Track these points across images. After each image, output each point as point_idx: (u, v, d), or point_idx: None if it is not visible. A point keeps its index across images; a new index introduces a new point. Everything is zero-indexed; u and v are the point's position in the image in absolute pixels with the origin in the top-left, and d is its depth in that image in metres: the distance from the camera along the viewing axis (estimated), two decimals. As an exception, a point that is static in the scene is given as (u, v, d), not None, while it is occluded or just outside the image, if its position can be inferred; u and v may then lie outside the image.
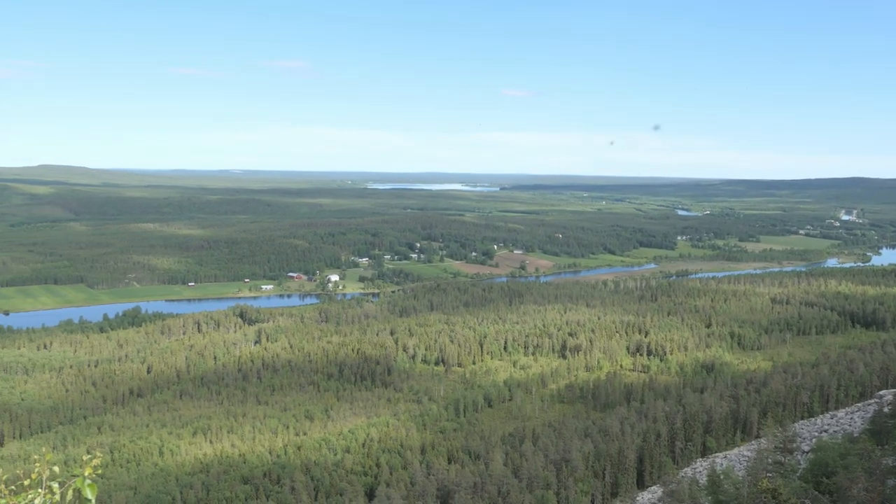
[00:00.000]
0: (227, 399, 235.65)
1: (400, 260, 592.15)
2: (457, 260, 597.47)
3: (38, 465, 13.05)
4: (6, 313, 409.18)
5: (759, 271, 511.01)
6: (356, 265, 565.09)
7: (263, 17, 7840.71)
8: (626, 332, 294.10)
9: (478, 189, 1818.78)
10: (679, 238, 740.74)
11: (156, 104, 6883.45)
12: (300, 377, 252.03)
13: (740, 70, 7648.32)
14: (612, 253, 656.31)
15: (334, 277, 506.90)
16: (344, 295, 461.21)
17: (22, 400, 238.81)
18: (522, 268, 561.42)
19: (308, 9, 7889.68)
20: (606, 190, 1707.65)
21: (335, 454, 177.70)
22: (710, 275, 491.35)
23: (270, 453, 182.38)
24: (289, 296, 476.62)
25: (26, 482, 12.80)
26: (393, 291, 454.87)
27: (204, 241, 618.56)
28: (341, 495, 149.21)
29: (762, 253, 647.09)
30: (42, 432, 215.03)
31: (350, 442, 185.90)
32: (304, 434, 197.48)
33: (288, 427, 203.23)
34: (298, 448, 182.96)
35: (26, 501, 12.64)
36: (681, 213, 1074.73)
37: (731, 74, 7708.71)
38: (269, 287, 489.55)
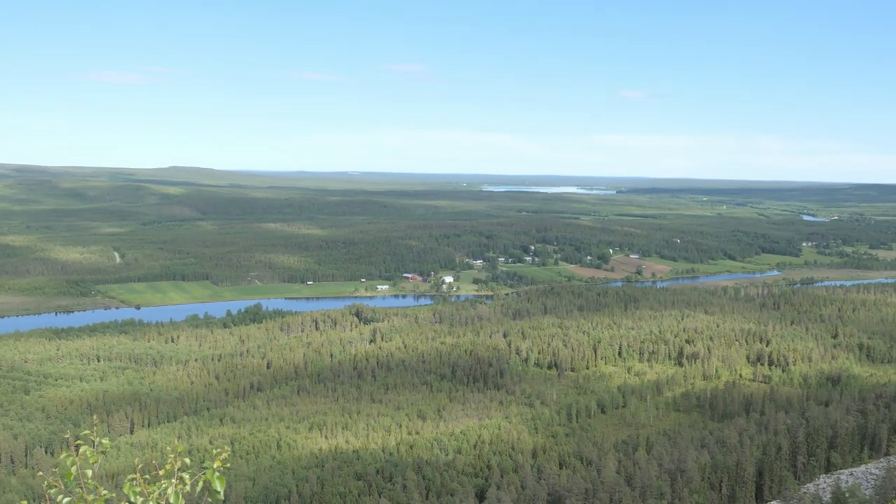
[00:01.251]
0: (342, 396, 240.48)
1: (514, 262, 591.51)
2: (571, 263, 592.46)
3: (171, 456, 13.77)
4: (138, 307, 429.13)
5: (891, 280, 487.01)
6: (470, 267, 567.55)
7: (384, 21, 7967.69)
8: (747, 341, 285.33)
9: (594, 192, 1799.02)
10: (804, 244, 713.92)
11: (279, 108, 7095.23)
12: (413, 377, 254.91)
13: (876, 72, 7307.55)
14: (733, 259, 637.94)
15: (448, 279, 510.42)
16: (458, 296, 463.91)
17: (150, 390, 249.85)
18: (638, 272, 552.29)
19: (427, 12, 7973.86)
20: (727, 194, 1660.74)
21: (447, 454, 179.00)
22: (838, 283, 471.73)
23: (383, 451, 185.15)
24: (403, 296, 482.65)
25: (161, 472, 13.55)
26: (506, 294, 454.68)
27: (323, 241, 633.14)
28: (452, 496, 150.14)
29: (895, 261, 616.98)
30: (168, 422, 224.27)
31: (462, 443, 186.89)
32: (417, 433, 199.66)
33: (401, 426, 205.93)
34: (411, 447, 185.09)
35: (160, 490, 13.39)
36: (806, 218, 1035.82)
37: (866, 76, 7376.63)
38: (385, 287, 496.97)
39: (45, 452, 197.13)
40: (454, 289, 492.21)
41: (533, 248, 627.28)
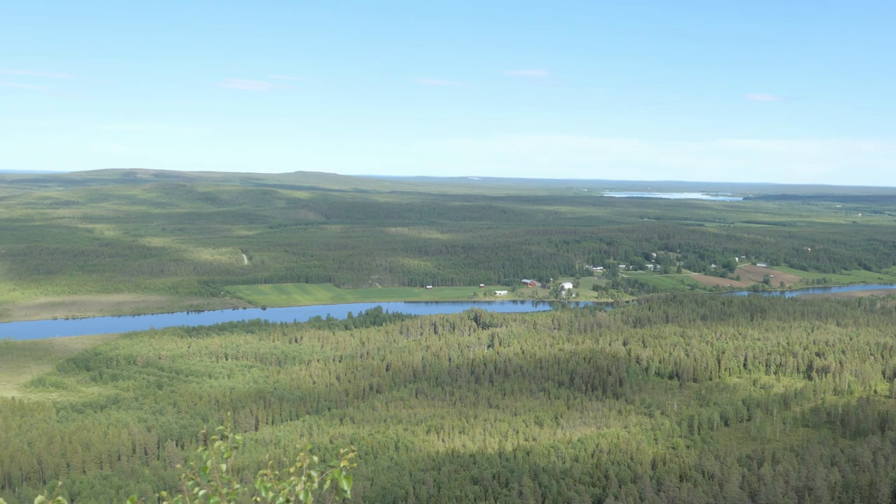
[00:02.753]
0: (459, 400, 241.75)
1: (635, 270, 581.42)
2: (695, 271, 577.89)
3: (300, 454, 14.14)
4: (263, 308, 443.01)
5: None
6: (590, 273, 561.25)
7: (507, 27, 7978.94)
8: (882, 355, 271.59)
9: (719, 198, 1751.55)
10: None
11: (402, 114, 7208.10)
12: (531, 383, 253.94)
13: None
14: (868, 269, 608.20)
15: (568, 285, 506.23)
16: (577, 303, 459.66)
17: (275, 389, 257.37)
18: (766, 282, 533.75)
19: (550, 18, 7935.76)
20: (862, 201, 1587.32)
21: (563, 462, 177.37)
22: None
23: (500, 456, 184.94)
24: (522, 302, 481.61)
25: (291, 469, 13.93)
26: (627, 301, 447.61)
27: (443, 245, 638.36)
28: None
29: None
30: (291, 420, 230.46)
31: (579, 451, 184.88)
32: (534, 440, 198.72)
33: (518, 431, 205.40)
34: (527, 453, 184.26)
35: (289, 486, 13.78)
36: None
37: None
38: (504, 292, 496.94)
39: (176, 445, 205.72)
40: (573, 295, 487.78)
41: (655, 255, 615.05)
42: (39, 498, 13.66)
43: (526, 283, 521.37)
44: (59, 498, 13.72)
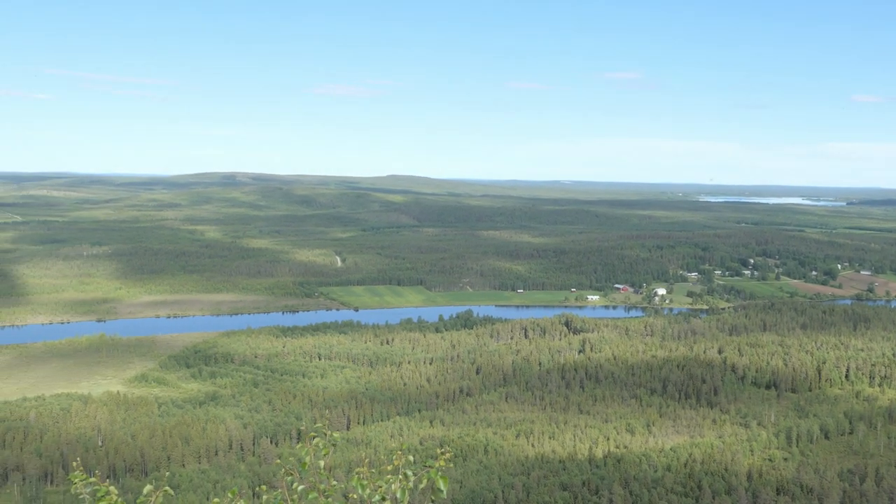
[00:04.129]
0: (549, 405, 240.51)
1: (731, 276, 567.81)
2: (794, 278, 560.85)
3: (397, 453, 14.52)
4: (356, 309, 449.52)
5: None
6: (684, 279, 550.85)
7: (601, 30, 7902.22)
8: None
9: (821, 203, 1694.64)
10: None
11: (495, 118, 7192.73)
12: (622, 390, 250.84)
13: None
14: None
15: (661, 291, 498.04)
16: (671, 309, 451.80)
17: (366, 389, 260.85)
18: (870, 290, 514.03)
19: (646, 20, 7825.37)
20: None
21: (655, 471, 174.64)
22: None
23: (590, 463, 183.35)
24: (614, 307, 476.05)
25: (389, 468, 14.32)
26: (723, 308, 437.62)
27: (534, 249, 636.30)
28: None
29: None
30: (381, 420, 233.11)
31: (671, 460, 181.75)
32: (625, 447, 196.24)
33: (608, 438, 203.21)
34: (618, 461, 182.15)
35: (385, 485, 14.17)
36: None
37: None
38: (595, 297, 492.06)
39: (271, 442, 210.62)
40: (667, 301, 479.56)
41: (752, 261, 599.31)
42: (148, 487, 14.39)
43: (618, 289, 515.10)
44: (167, 488, 14.43)
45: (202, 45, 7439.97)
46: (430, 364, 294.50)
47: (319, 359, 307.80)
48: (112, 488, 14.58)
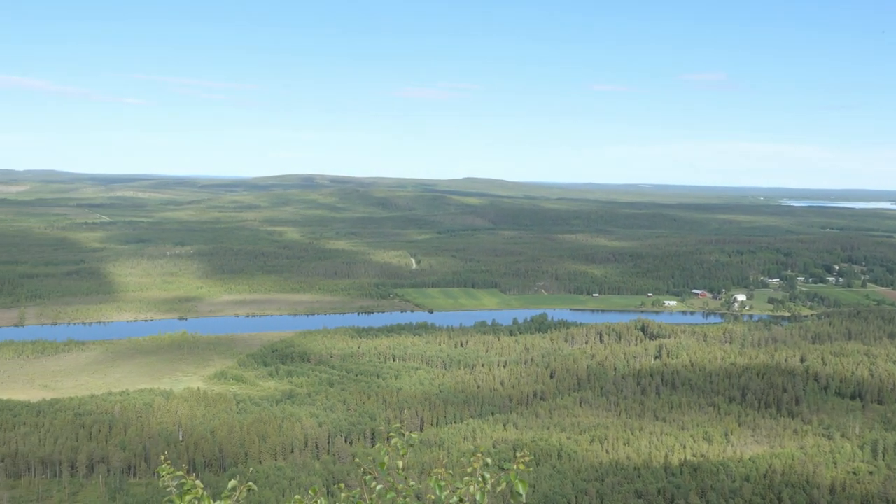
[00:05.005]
0: (624, 411, 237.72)
1: (815, 283, 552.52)
2: (882, 286, 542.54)
3: (477, 455, 14.66)
4: (430, 311, 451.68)
5: None
6: (765, 285, 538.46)
7: (683, 30, 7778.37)
8: None
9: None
10: None
11: (572, 120, 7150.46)
12: (700, 397, 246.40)
13: None
14: None
15: (741, 297, 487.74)
16: (750, 316, 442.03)
17: (440, 391, 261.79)
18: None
19: (729, 19, 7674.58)
20: None
21: (733, 481, 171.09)
22: None
23: (665, 471, 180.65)
24: (692, 313, 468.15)
25: (468, 470, 14.46)
26: (806, 316, 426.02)
27: (610, 253, 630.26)
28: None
29: None
30: (455, 423, 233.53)
31: (750, 471, 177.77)
32: (702, 456, 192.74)
33: (685, 446, 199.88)
34: (695, 469, 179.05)
35: (464, 487, 14.30)
36: None
37: None
38: (672, 303, 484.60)
39: (345, 442, 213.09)
40: (747, 308, 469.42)
41: (837, 267, 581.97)
42: (232, 483, 14.81)
43: (696, 294, 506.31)
44: (250, 483, 14.84)
45: (282, 51, 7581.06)
46: (504, 367, 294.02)
47: (394, 360, 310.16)
48: (198, 482, 15.04)
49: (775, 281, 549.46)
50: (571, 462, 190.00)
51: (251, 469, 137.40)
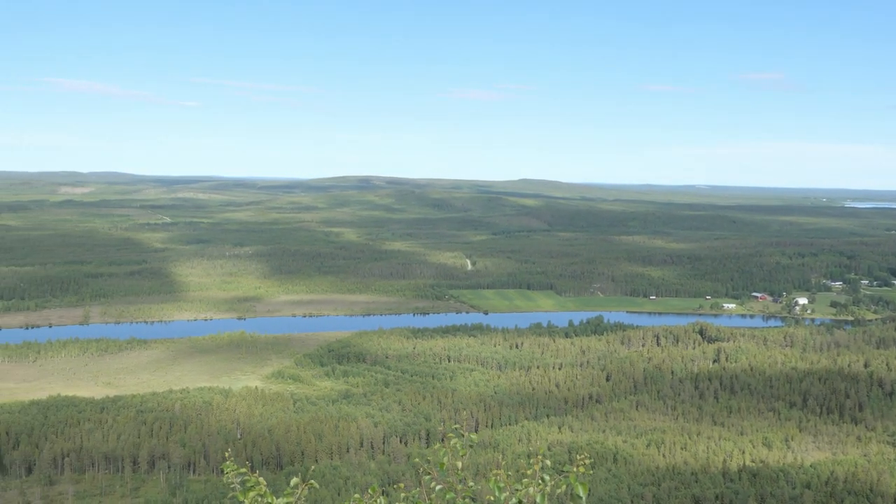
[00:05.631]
0: (682, 415, 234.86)
1: (879, 286, 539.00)
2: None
3: (536, 457, 14.75)
4: (486, 313, 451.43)
5: None
6: (827, 289, 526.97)
7: (740, 29, 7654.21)
8: None
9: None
10: None
11: (628, 121, 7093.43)
12: (759, 402, 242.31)
13: None
14: None
15: (802, 300, 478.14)
16: (812, 320, 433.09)
17: (495, 393, 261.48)
18: None
19: (789, 18, 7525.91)
20: None
21: (794, 488, 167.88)
22: None
23: (724, 476, 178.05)
24: (751, 316, 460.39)
25: (528, 472, 14.56)
26: (870, 320, 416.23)
27: (667, 255, 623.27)
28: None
29: None
30: (509, 424, 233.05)
31: (811, 478, 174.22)
32: (761, 462, 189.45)
33: (744, 452, 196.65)
34: (754, 475, 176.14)
35: (523, 488, 14.40)
36: None
37: None
38: (731, 306, 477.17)
39: (400, 442, 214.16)
40: (808, 311, 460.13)
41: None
42: (295, 480, 15.12)
43: (756, 297, 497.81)
44: (312, 482, 15.13)
45: (340, 54, 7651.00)
46: (560, 369, 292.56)
47: (449, 361, 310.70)
48: (261, 479, 15.38)
49: (838, 284, 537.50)
50: (627, 466, 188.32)
51: (311, 468, 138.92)
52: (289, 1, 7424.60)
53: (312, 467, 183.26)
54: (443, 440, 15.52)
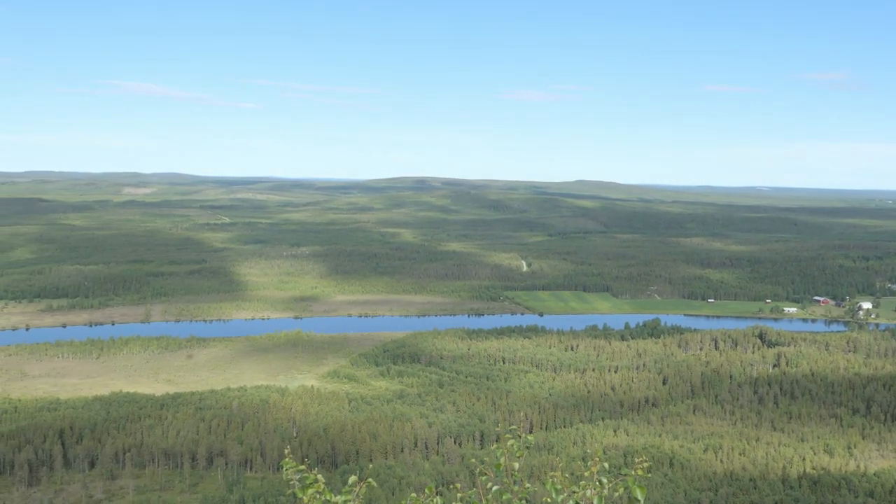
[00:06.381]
0: (740, 420, 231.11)
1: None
2: None
3: (595, 459, 14.70)
4: (541, 314, 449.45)
5: None
6: (893, 293, 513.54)
7: (802, 30, 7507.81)
8: None
9: None
10: None
11: (686, 122, 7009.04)
12: (821, 408, 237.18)
13: None
14: None
15: (866, 305, 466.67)
16: (877, 325, 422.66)
17: (549, 395, 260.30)
18: None
19: (848, 16, 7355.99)
20: None
21: (856, 497, 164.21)
22: None
23: (783, 483, 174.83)
24: (813, 320, 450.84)
25: (586, 473, 14.53)
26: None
27: (727, 258, 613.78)
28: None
29: None
30: (564, 427, 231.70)
31: (875, 486, 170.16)
32: (822, 469, 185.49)
33: (804, 459, 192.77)
34: (814, 483, 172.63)
35: (580, 490, 14.38)
36: None
37: None
38: (792, 310, 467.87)
39: (454, 443, 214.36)
40: (872, 316, 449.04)
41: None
42: (353, 478, 15.30)
43: (818, 301, 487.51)
44: (370, 480, 15.30)
45: (395, 56, 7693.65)
46: (615, 372, 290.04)
47: (503, 362, 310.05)
48: (320, 476, 15.59)
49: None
50: (684, 471, 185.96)
51: (370, 465, 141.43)
52: (345, 6, 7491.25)
53: (371, 465, 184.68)
54: (497, 441, 15.56)
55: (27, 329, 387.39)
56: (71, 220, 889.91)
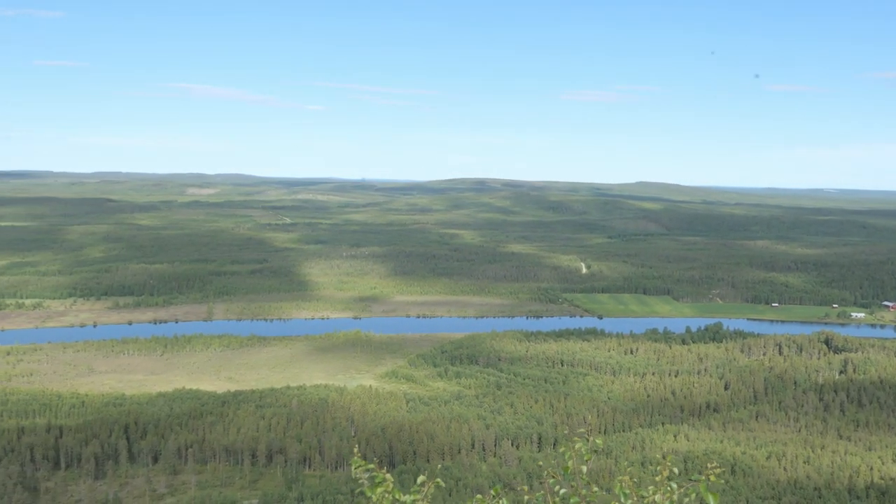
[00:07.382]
0: (805, 427, 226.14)
1: None
2: None
3: (663, 463, 14.55)
4: (600, 317, 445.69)
5: None
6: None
7: (867, 27, 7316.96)
8: None
9: None
10: None
11: (750, 122, 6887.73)
12: (890, 416, 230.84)
13: None
14: None
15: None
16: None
17: (608, 398, 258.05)
18: None
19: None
20: None
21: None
22: None
23: (850, 493, 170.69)
24: (882, 326, 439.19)
25: (657, 479, 14.39)
26: None
27: (792, 261, 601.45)
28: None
29: None
30: (623, 431, 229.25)
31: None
32: (891, 479, 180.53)
33: (871, 468, 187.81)
34: (882, 493, 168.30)
35: (650, 495, 14.25)
36: None
37: None
38: (860, 315, 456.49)
39: (512, 445, 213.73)
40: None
41: None
42: (421, 478, 15.36)
43: (887, 306, 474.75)
44: (438, 479, 15.35)
45: (455, 56, 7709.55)
46: (676, 376, 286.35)
47: (562, 365, 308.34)
48: (388, 476, 15.69)
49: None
50: (746, 478, 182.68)
51: (438, 466, 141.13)
52: (408, 10, 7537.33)
53: (439, 466, 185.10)
54: (555, 445, 15.51)
55: (95, 326, 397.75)
56: (137, 219, 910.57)
